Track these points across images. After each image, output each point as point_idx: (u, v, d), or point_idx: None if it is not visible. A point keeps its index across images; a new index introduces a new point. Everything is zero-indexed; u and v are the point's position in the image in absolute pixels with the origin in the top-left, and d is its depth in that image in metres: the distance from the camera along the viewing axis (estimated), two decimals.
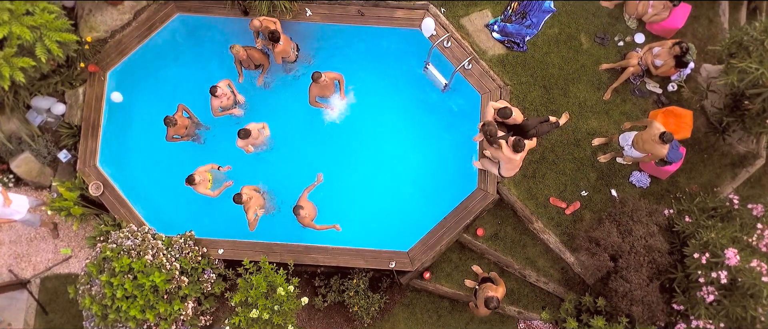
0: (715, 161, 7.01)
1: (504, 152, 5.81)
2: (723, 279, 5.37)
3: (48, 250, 7.61)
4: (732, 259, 5.34)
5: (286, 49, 6.98)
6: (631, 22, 7.25)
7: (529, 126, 6.08)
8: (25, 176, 7.45)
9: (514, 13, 7.32)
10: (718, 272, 5.40)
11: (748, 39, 5.89)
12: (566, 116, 6.67)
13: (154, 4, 7.40)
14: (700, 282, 5.57)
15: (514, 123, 6.12)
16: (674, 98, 7.07)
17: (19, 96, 7.06)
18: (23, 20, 6.05)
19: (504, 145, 5.77)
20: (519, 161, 5.97)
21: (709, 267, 5.53)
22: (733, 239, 5.57)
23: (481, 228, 7.12)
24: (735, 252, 5.34)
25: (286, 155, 7.41)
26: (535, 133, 6.13)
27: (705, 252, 5.57)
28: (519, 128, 6.10)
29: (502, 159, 6.00)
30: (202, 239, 7.02)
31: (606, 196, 6.94)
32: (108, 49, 7.38)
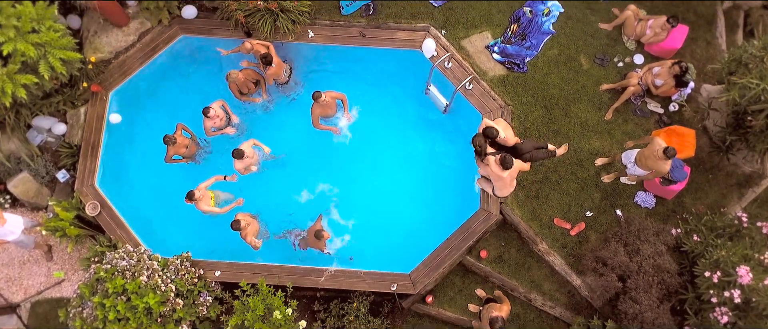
0: (720, 181, 6.93)
1: (492, 169, 5.73)
2: (736, 299, 5.19)
3: (40, 273, 7.42)
4: (745, 277, 5.18)
5: (278, 72, 7.03)
6: (629, 44, 7.32)
7: (524, 150, 5.99)
8: (22, 196, 7.36)
9: (514, 35, 7.41)
10: (731, 291, 5.23)
11: (747, 56, 5.92)
12: (565, 147, 6.60)
13: (158, 26, 7.50)
14: (713, 302, 5.39)
15: (505, 144, 6.05)
16: (676, 118, 7.06)
17: (21, 115, 7.06)
18: (28, 38, 6.11)
19: (492, 161, 5.69)
20: (509, 180, 5.84)
21: (721, 287, 5.36)
22: (744, 257, 5.42)
23: (485, 250, 6.96)
24: (747, 269, 5.19)
25: (286, 177, 7.35)
26: (529, 158, 6.04)
27: (716, 270, 5.41)
28: (512, 151, 6.03)
29: (492, 176, 5.91)
30: (200, 261, 6.85)
31: (611, 217, 6.82)
32: (111, 70, 7.43)
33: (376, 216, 7.17)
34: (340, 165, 7.31)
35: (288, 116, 7.50)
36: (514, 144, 6.00)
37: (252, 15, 7.10)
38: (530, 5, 7.49)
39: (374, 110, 7.42)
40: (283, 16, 7.12)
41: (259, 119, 7.52)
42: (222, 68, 7.55)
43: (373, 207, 7.19)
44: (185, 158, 7.06)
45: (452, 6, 7.52)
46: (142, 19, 7.46)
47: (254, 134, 7.33)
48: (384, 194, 7.24)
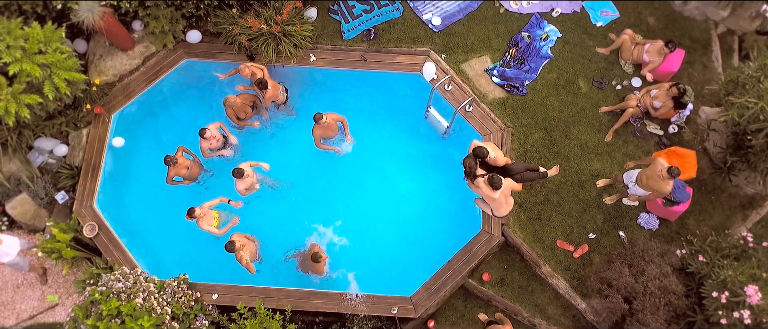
0: (723, 203, 6.88)
1: (482, 190, 5.70)
2: (746, 319, 5.06)
3: (34, 297, 7.28)
4: (753, 297, 5.06)
5: (275, 94, 7.09)
6: (627, 67, 7.42)
7: (514, 170, 5.97)
8: (20, 218, 7.30)
9: (513, 58, 7.52)
10: (741, 312, 5.10)
11: (744, 77, 5.99)
12: (557, 169, 6.60)
13: (163, 50, 7.62)
14: (722, 324, 5.25)
15: (495, 165, 6.05)
16: (676, 140, 7.08)
17: (23, 137, 7.09)
18: (35, 58, 6.20)
19: (480, 182, 5.67)
20: (503, 200, 5.77)
21: (729, 307, 5.24)
22: (752, 277, 5.32)
23: (487, 273, 6.85)
24: (756, 289, 5.08)
25: (285, 199, 7.31)
26: (519, 179, 6.02)
27: (724, 290, 5.30)
28: (503, 171, 6.01)
29: (485, 198, 5.88)
30: (197, 284, 6.73)
31: (614, 239, 6.74)
32: (114, 92, 7.51)
33: (377, 238, 7.09)
34: (340, 187, 7.28)
35: (287, 138, 7.53)
36: (504, 165, 5.99)
37: (255, 39, 7.24)
38: (528, 30, 7.64)
39: (375, 133, 7.45)
40: (285, 40, 7.26)
41: (257, 143, 7.53)
42: (223, 91, 7.63)
43: (373, 229, 7.12)
44: (186, 179, 7.04)
45: (452, 31, 7.67)
46: (148, 43, 7.59)
47: (254, 157, 7.32)
48: (384, 216, 7.18)
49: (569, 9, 7.76)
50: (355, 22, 7.73)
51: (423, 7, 7.79)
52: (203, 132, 6.77)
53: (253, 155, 7.39)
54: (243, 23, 7.16)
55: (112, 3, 6.79)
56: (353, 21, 7.73)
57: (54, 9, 6.75)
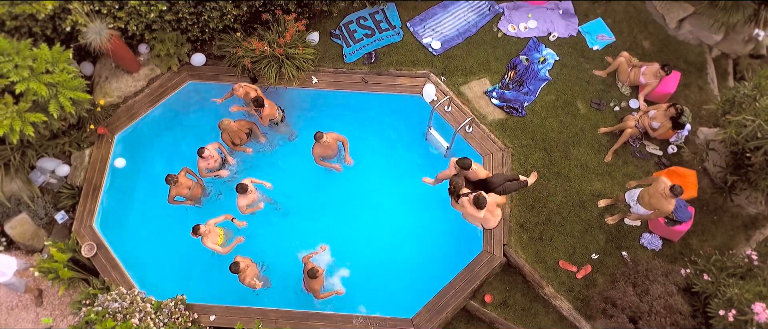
0: (726, 223, 6.84)
1: (467, 209, 5.68)
2: None
3: (28, 320, 7.14)
4: (761, 314, 4.97)
5: (272, 112, 7.16)
6: (624, 89, 7.53)
7: (495, 183, 5.97)
8: (18, 238, 7.26)
9: (512, 81, 7.63)
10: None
11: (740, 96, 6.07)
12: (535, 175, 6.61)
13: (167, 73, 7.76)
14: None
15: (477, 178, 6.06)
16: (675, 160, 7.10)
17: (26, 157, 7.13)
18: (42, 78, 6.31)
19: (466, 202, 5.65)
20: (489, 216, 5.76)
21: (737, 326, 5.13)
22: (758, 295, 5.23)
23: (489, 295, 6.75)
24: (763, 306, 4.99)
25: (286, 219, 7.28)
26: (501, 190, 6.02)
27: (730, 308, 5.21)
28: (483, 185, 6.02)
29: (467, 217, 5.85)
30: (194, 305, 6.63)
31: (617, 259, 6.67)
32: (118, 113, 7.60)
33: (378, 259, 7.01)
34: (341, 207, 7.26)
35: (287, 158, 7.55)
36: (485, 178, 5.99)
37: (258, 61, 7.38)
38: (526, 54, 7.79)
39: (375, 153, 7.49)
40: (288, 63, 7.40)
41: (256, 165, 7.54)
42: (225, 113, 7.68)
43: (374, 250, 7.05)
44: (188, 199, 7.02)
45: (451, 54, 7.82)
46: (153, 66, 7.74)
47: (257, 176, 7.34)
48: (385, 236, 7.13)
49: (566, 33, 7.93)
50: (357, 46, 7.89)
51: (423, 32, 7.97)
52: (201, 151, 6.80)
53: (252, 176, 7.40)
54: (247, 46, 7.31)
55: (119, 26, 6.96)
56: (354, 45, 7.90)
57: (63, 31, 6.91)
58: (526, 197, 6.99)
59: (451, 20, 8.07)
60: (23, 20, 6.68)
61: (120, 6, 6.83)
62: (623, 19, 8.02)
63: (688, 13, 7.69)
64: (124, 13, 6.88)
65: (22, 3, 6.57)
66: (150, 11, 6.87)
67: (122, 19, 6.91)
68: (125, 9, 6.83)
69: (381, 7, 8.16)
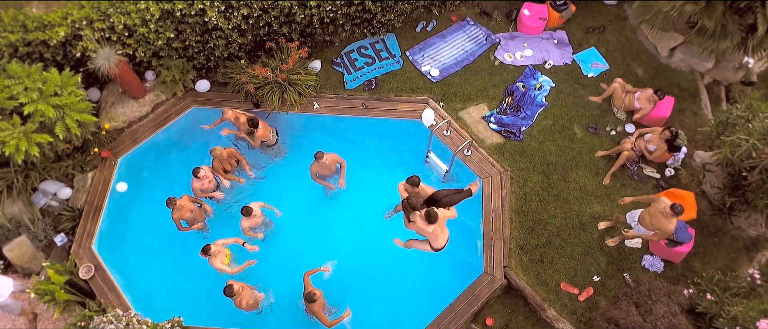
0: (727, 245, 6.81)
1: (419, 225, 5.70)
2: None
3: None
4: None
5: (266, 133, 7.28)
6: (619, 114, 7.67)
7: (439, 196, 5.98)
8: (16, 261, 7.22)
9: (509, 107, 7.79)
10: None
11: (733, 118, 6.20)
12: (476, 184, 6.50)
13: (172, 98, 7.94)
14: None
15: (424, 194, 6.11)
16: (673, 183, 7.15)
17: (29, 179, 7.20)
18: (50, 100, 6.47)
19: (417, 216, 5.69)
20: (438, 231, 5.76)
21: None
22: (763, 313, 5.16)
23: (491, 318, 6.65)
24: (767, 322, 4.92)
25: (284, 241, 7.26)
26: (447, 202, 5.99)
27: (735, 326, 5.12)
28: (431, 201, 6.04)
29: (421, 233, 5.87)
30: (191, 328, 6.50)
31: (619, 281, 6.61)
32: (123, 138, 7.73)
33: (378, 283, 6.95)
34: (340, 230, 7.26)
35: (286, 181, 7.61)
36: (431, 195, 6.02)
37: (261, 87, 7.58)
38: (523, 80, 7.99)
39: (376, 175, 7.56)
40: (290, 89, 7.59)
41: (256, 185, 7.60)
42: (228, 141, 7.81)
43: (374, 273, 6.99)
44: (191, 224, 6.98)
45: (449, 81, 8.02)
46: (158, 91, 7.93)
47: (255, 198, 7.38)
48: (386, 259, 7.07)
49: (561, 61, 8.16)
50: (357, 73, 8.11)
51: (422, 60, 8.21)
52: (197, 171, 6.86)
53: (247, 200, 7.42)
54: (250, 72, 7.53)
55: (127, 52, 7.19)
56: (355, 72, 8.12)
57: (73, 57, 7.14)
58: (526, 219, 7.00)
59: (450, 49, 8.33)
60: (36, 46, 6.92)
61: (129, 33, 7.09)
62: (616, 48, 8.27)
63: (678, 42, 7.94)
64: (133, 40, 7.12)
65: (35, 30, 6.82)
66: (158, 38, 7.12)
67: (131, 45, 7.15)
68: (134, 36, 7.08)
69: (381, 37, 8.44)
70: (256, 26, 7.47)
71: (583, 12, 8.57)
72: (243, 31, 7.50)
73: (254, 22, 7.39)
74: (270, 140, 7.38)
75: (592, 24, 8.50)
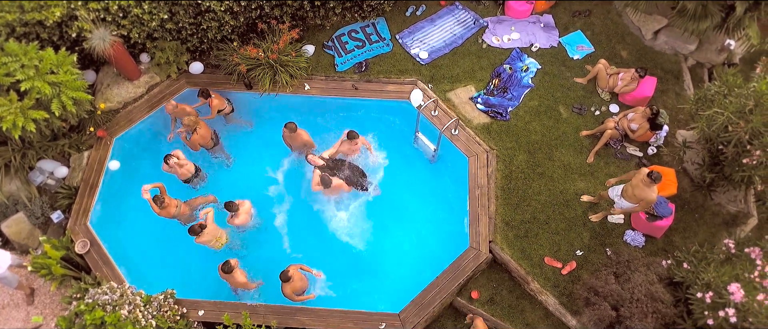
0: (707, 221, 6.98)
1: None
2: (732, 318, 5.02)
3: (18, 318, 7.18)
4: (736, 294, 5.06)
5: (221, 103, 7.54)
6: (604, 95, 7.83)
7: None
8: (14, 237, 7.39)
9: (496, 88, 7.96)
10: (726, 310, 5.08)
11: (711, 94, 6.36)
12: None
13: (167, 80, 8.11)
14: (710, 324, 5.19)
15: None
16: (655, 161, 7.31)
17: (26, 158, 7.36)
18: (46, 78, 6.63)
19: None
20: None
21: (714, 307, 5.21)
22: (734, 278, 5.33)
23: (476, 291, 6.81)
24: (738, 286, 5.09)
25: (275, 216, 7.43)
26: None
27: (708, 291, 5.30)
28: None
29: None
30: (183, 300, 6.69)
31: (601, 256, 6.77)
32: (117, 118, 7.89)
33: (365, 256, 7.12)
34: (328, 206, 7.41)
35: (281, 159, 7.77)
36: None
37: (253, 69, 7.74)
38: (509, 63, 8.16)
39: (363, 153, 7.71)
40: (282, 70, 7.76)
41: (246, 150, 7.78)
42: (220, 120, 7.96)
43: (361, 246, 7.17)
44: (181, 219, 7.12)
45: (438, 64, 8.19)
46: (153, 73, 8.09)
47: (242, 169, 7.54)
48: (373, 233, 7.25)
49: (547, 44, 8.32)
50: (348, 56, 8.27)
51: (411, 43, 8.37)
52: (168, 158, 6.99)
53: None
54: (242, 53, 7.69)
55: (122, 33, 7.35)
56: (346, 55, 8.28)
57: (69, 38, 7.30)
58: (511, 196, 7.17)
59: (438, 33, 8.49)
60: (32, 26, 7.08)
61: (124, 14, 7.24)
62: (602, 32, 8.43)
63: (662, 25, 8.10)
64: (128, 21, 7.28)
65: (31, 10, 6.98)
66: (152, 19, 7.28)
67: (126, 26, 7.31)
68: (129, 17, 7.24)
69: (372, 21, 8.61)
70: (248, 9, 7.63)
71: None
72: (235, 13, 7.65)
73: (246, 4, 7.54)
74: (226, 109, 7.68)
75: (579, 8, 8.66)
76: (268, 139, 7.89)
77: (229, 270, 6.33)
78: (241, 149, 7.91)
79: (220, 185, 7.63)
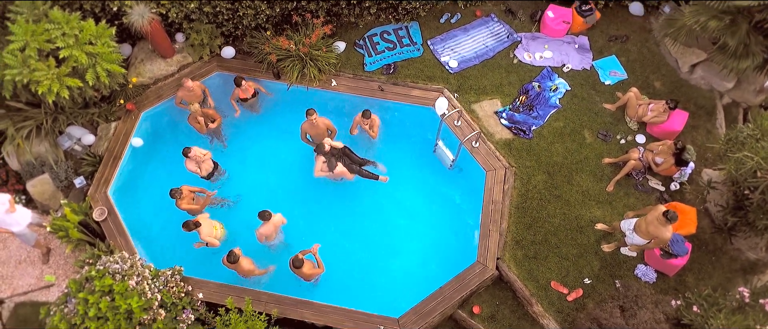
0: (724, 265, 6.79)
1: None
2: None
3: (33, 275, 7.44)
4: None
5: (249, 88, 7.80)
6: (632, 124, 7.68)
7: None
8: (38, 197, 7.65)
9: (522, 104, 7.88)
10: None
11: (743, 136, 6.18)
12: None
13: (199, 62, 8.27)
14: None
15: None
16: (677, 197, 7.15)
17: (57, 122, 7.61)
18: (84, 48, 6.84)
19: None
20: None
21: None
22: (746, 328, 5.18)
23: (478, 306, 6.78)
24: None
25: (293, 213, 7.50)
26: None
27: None
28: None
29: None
30: (190, 278, 6.82)
31: (610, 286, 6.66)
32: (148, 94, 8.09)
33: (372, 258, 7.16)
34: (343, 202, 7.48)
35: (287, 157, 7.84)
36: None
37: (283, 60, 7.84)
38: (539, 81, 8.07)
39: (383, 156, 7.75)
40: (311, 64, 7.83)
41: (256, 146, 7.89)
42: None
43: (370, 247, 7.21)
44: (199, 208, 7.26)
45: (466, 74, 8.15)
46: (186, 54, 8.26)
47: (251, 158, 7.68)
48: (383, 236, 7.28)
49: (580, 66, 8.20)
50: (378, 56, 8.30)
51: (442, 50, 8.35)
52: (187, 152, 7.10)
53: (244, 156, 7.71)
54: (274, 43, 7.79)
55: (161, 12, 7.53)
56: (376, 56, 8.31)
57: (110, 11, 7.51)
58: (525, 215, 7.10)
59: (471, 43, 8.45)
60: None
61: None
62: (637, 59, 8.27)
63: (700, 59, 7.90)
64: (168, 0, 7.45)
65: None
66: (191, 1, 7.43)
67: (165, 5, 7.48)
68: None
69: (405, 24, 8.61)
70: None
71: (608, 20, 8.59)
72: (272, 2, 7.75)
73: None
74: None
75: (616, 33, 8.51)
76: (283, 129, 8.01)
77: (235, 260, 6.44)
78: (252, 140, 8.04)
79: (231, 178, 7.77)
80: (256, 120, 8.24)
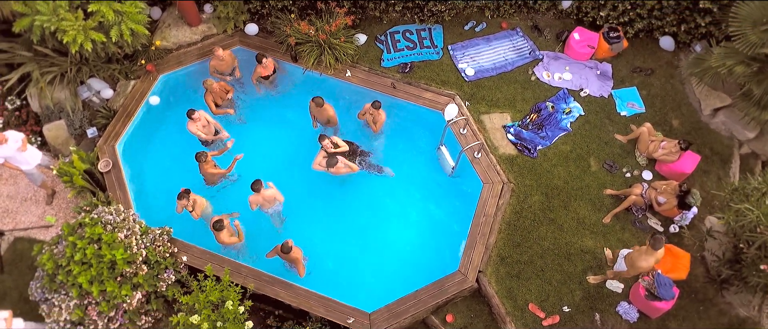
0: (711, 317, 6.56)
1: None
2: None
3: (35, 214, 7.79)
4: None
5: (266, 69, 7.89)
6: (641, 159, 7.48)
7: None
8: (51, 140, 7.99)
9: (532, 123, 7.77)
10: None
11: (750, 189, 5.95)
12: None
13: (222, 34, 8.47)
14: None
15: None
16: (675, 240, 6.92)
17: (81, 72, 7.92)
18: (113, 5, 7.10)
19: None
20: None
21: None
22: None
23: (452, 315, 6.74)
24: None
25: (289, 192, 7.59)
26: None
27: None
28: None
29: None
30: (177, 241, 7.01)
31: (588, 318, 6.52)
32: (169, 58, 8.33)
33: (355, 250, 7.20)
34: (339, 191, 7.53)
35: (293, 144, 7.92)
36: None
37: (302, 44, 7.95)
38: (553, 101, 7.94)
39: (383, 152, 7.77)
40: (328, 52, 7.92)
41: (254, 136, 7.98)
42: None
43: (355, 240, 7.25)
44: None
45: (481, 84, 8.09)
46: (211, 24, 8.47)
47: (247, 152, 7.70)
48: (369, 231, 7.31)
49: (598, 93, 8.03)
50: (396, 54, 8.32)
51: (461, 57, 8.31)
52: (191, 113, 7.23)
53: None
54: (296, 26, 7.91)
55: None
56: (394, 53, 8.34)
57: None
58: (514, 233, 7.02)
59: (491, 54, 8.38)
60: None
61: None
62: (658, 95, 8.04)
63: (724, 104, 7.63)
64: None
65: None
66: None
67: None
68: None
69: (429, 26, 8.60)
70: None
71: (635, 50, 8.37)
72: None
73: None
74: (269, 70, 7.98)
75: (641, 65, 8.29)
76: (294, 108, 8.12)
77: (220, 228, 6.58)
78: (260, 121, 8.18)
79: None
80: (268, 99, 8.37)
